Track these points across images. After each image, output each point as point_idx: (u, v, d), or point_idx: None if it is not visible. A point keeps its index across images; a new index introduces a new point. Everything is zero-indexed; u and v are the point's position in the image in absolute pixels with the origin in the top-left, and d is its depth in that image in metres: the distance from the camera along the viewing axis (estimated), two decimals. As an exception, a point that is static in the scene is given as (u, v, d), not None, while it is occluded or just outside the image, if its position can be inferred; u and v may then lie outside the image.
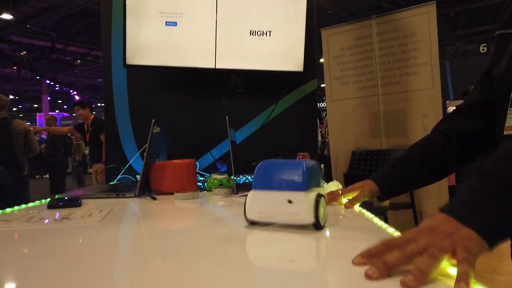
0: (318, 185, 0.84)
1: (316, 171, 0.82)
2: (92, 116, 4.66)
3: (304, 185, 0.74)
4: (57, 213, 1.06)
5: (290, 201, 0.74)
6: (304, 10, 1.83)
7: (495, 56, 0.82)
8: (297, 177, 0.75)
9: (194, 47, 1.81)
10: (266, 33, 1.82)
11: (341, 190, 1.06)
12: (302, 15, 1.83)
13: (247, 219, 0.79)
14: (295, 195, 0.74)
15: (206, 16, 1.78)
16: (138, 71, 2.03)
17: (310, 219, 0.73)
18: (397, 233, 0.72)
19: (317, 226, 0.74)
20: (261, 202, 0.77)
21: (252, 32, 1.81)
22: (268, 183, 0.77)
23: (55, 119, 7.19)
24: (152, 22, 1.78)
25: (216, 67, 1.83)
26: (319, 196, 0.75)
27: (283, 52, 1.85)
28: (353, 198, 1.00)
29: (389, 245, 0.55)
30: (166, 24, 1.78)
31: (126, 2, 1.75)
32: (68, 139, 7.13)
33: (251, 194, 0.79)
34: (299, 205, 0.74)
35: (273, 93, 2.04)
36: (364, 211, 0.96)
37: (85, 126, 4.80)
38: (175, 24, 1.77)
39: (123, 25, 1.77)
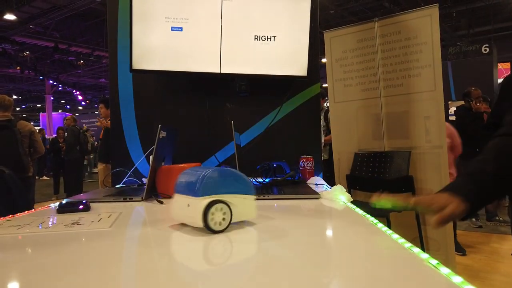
0: (225, 192, 0.86)
1: (220, 179, 0.86)
2: None
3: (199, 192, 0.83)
4: (67, 219, 1.08)
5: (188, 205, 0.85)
6: (308, 15, 1.85)
7: None
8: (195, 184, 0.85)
9: (200, 52, 1.84)
10: (270, 38, 1.84)
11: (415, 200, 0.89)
12: (306, 19, 1.85)
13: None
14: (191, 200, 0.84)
15: (211, 22, 1.81)
16: (144, 75, 2.05)
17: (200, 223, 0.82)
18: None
19: (209, 229, 0.82)
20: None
21: (256, 37, 1.83)
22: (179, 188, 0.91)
23: (74, 119, 7.11)
24: (158, 27, 1.80)
25: (221, 71, 1.85)
26: (213, 203, 0.82)
27: (287, 56, 1.87)
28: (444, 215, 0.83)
29: None
30: (171, 29, 1.80)
31: (133, 7, 1.78)
32: (83, 136, 6.86)
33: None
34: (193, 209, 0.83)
35: (276, 97, 2.06)
36: (368, 216, 0.98)
37: None
38: (180, 29, 1.80)
39: (129, 30, 1.80)
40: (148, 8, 1.79)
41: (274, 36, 1.84)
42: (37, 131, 4.85)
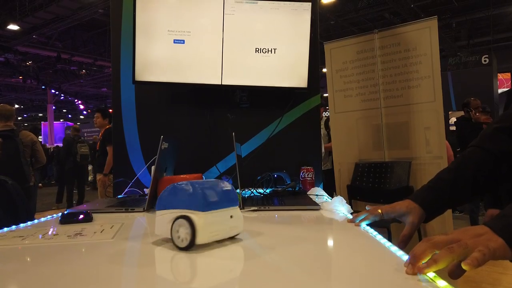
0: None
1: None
2: (108, 126, 4.74)
3: None
4: (70, 230, 1.09)
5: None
6: (308, 26, 1.87)
7: None
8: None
9: (201, 64, 1.87)
10: (271, 51, 1.87)
11: (381, 209, 0.98)
12: (306, 31, 1.88)
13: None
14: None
15: (213, 34, 1.84)
16: (146, 86, 2.08)
17: None
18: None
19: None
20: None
21: (257, 49, 1.86)
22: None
23: (73, 129, 7.15)
24: (161, 40, 1.83)
25: (223, 83, 1.88)
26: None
27: (288, 68, 1.90)
28: (403, 235, 0.92)
29: (423, 240, 0.62)
30: (174, 42, 1.83)
31: (136, 20, 1.81)
32: (74, 148, 6.88)
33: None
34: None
35: (277, 108, 2.09)
36: (368, 228, 0.99)
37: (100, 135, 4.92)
38: (183, 42, 1.83)
39: (132, 43, 1.83)
40: (151, 21, 1.82)
41: (274, 49, 1.87)
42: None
